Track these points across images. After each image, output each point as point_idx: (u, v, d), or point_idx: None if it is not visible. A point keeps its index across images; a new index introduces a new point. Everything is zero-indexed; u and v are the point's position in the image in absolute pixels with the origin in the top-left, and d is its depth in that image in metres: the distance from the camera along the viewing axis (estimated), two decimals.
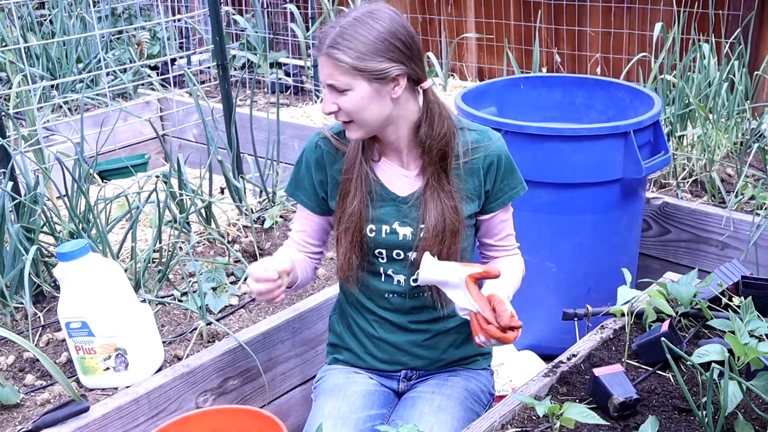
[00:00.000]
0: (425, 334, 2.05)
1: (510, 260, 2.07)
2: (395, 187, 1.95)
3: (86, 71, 4.73)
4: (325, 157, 1.99)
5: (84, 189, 2.73)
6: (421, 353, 2.07)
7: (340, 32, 1.79)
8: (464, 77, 5.36)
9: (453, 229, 1.91)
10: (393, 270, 1.99)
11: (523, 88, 3.34)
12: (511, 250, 2.09)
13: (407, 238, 1.94)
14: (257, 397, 2.45)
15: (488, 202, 1.99)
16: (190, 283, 2.71)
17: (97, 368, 2.16)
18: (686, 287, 2.04)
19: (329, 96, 1.83)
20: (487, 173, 1.95)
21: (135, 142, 4.53)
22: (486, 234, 2.06)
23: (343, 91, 1.81)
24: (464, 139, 1.94)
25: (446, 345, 2.07)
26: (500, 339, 1.72)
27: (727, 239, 3.06)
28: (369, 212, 1.94)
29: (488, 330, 1.72)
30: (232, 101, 3.35)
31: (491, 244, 2.07)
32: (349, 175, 1.94)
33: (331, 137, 1.99)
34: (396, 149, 1.94)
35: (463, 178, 1.94)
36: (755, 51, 4.07)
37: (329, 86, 1.82)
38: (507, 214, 2.05)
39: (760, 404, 1.70)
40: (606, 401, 1.73)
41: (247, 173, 3.43)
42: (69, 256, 2.06)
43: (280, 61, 5.51)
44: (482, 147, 1.94)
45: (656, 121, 2.86)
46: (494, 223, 2.03)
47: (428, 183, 1.91)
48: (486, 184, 1.96)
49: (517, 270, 2.05)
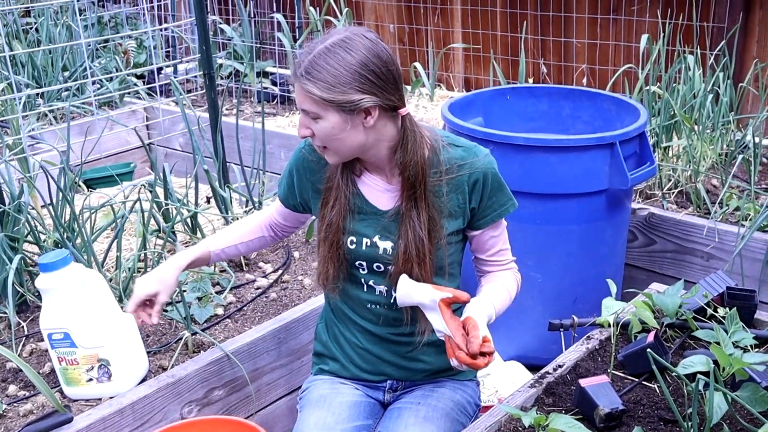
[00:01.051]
0: (408, 346, 2.04)
1: (502, 276, 2.04)
2: (377, 200, 1.94)
3: (72, 80, 4.71)
4: (309, 164, 1.99)
5: (69, 198, 2.71)
6: (405, 364, 2.06)
7: (311, 62, 1.76)
8: (451, 87, 5.37)
9: (429, 247, 1.89)
10: (374, 281, 1.98)
11: (510, 99, 3.35)
12: (505, 264, 2.07)
13: (387, 252, 1.93)
14: (242, 407, 2.44)
15: (475, 219, 1.97)
16: (175, 292, 2.69)
17: (80, 379, 2.14)
18: (672, 298, 2.05)
19: (304, 120, 1.82)
20: (473, 191, 1.93)
21: (121, 150, 4.52)
22: (478, 249, 2.05)
23: (315, 119, 1.80)
24: (448, 155, 1.91)
25: (429, 356, 2.06)
26: (470, 365, 1.71)
27: (712, 250, 3.07)
28: (349, 224, 1.93)
29: (458, 356, 1.72)
30: (218, 110, 3.34)
31: (483, 259, 2.06)
32: (330, 185, 1.95)
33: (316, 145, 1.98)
34: (378, 167, 1.93)
35: (446, 195, 1.91)
36: (740, 63, 4.10)
37: (303, 111, 1.81)
38: (498, 230, 2.02)
39: (745, 415, 1.70)
40: (592, 412, 1.73)
41: (234, 183, 3.43)
42: (51, 266, 2.04)
43: (266, 70, 5.51)
44: (468, 164, 1.92)
45: (642, 133, 2.87)
46: (484, 239, 2.02)
47: (406, 202, 1.89)
48: (471, 202, 1.94)
49: (508, 287, 2.02)
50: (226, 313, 2.63)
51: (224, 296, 2.70)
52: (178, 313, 2.50)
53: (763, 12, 4.05)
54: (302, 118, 1.82)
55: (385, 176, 1.94)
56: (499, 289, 1.99)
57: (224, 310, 2.65)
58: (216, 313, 2.62)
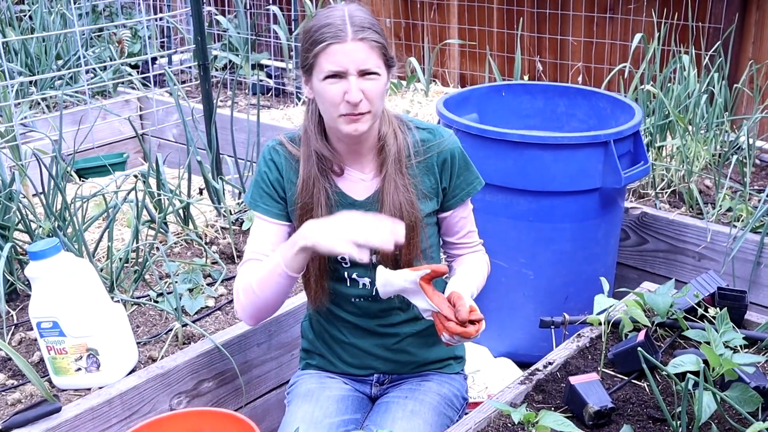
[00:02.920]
0: (395, 337, 2.04)
1: (473, 258, 2.07)
2: (353, 191, 1.94)
3: (65, 68, 4.69)
4: (282, 161, 1.96)
5: (61, 187, 2.70)
6: (392, 357, 2.06)
7: (358, 18, 1.77)
8: (446, 83, 5.37)
9: (410, 223, 1.89)
10: (357, 274, 1.98)
11: (505, 96, 3.35)
12: (474, 246, 2.09)
13: None
14: (232, 399, 2.44)
15: (447, 199, 1.99)
16: (167, 284, 2.69)
17: (68, 369, 2.14)
18: (663, 297, 2.05)
19: (358, 83, 1.77)
20: (443, 170, 1.96)
21: (114, 140, 4.50)
22: (447, 232, 2.06)
23: (371, 76, 1.78)
24: (414, 138, 1.94)
25: (416, 347, 2.07)
26: (462, 334, 1.71)
27: (704, 250, 3.08)
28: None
29: (448, 327, 1.72)
30: (212, 102, 3.33)
31: (453, 242, 2.07)
32: (308, 194, 1.91)
33: (287, 143, 1.96)
34: (358, 153, 1.93)
35: (419, 176, 1.94)
36: (735, 64, 4.11)
37: (359, 72, 1.77)
38: (466, 210, 2.05)
39: (734, 415, 1.71)
40: (581, 410, 1.73)
41: (227, 174, 3.42)
42: (40, 255, 2.03)
43: (261, 62, 5.49)
44: (434, 145, 1.95)
45: (636, 132, 2.87)
46: (454, 221, 2.03)
47: (385, 180, 1.90)
48: (442, 182, 1.96)
49: (480, 267, 2.04)
50: (217, 305, 2.62)
51: (215, 288, 2.70)
52: (168, 304, 2.49)
53: (759, 13, 4.05)
54: (356, 81, 1.77)
55: (359, 164, 1.94)
56: (474, 270, 2.01)
57: (215, 302, 2.64)
58: (207, 305, 2.61)
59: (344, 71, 1.76)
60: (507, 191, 2.82)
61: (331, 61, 1.76)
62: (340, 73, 1.77)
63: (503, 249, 2.88)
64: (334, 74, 1.77)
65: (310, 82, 1.85)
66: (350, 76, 1.77)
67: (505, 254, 2.89)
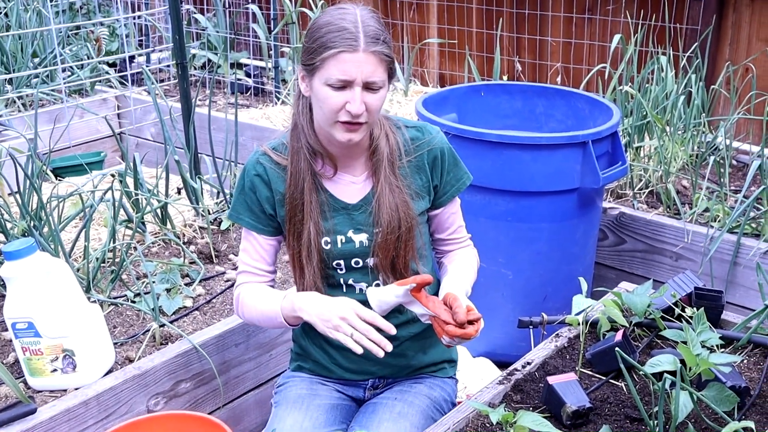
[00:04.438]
0: (393, 341, 2.03)
1: (463, 254, 2.08)
2: (345, 195, 1.93)
3: (42, 66, 4.65)
4: (268, 173, 1.92)
5: (36, 186, 2.68)
6: (389, 361, 2.04)
7: (375, 28, 1.76)
8: (425, 83, 5.37)
9: (408, 225, 1.90)
10: (353, 279, 1.96)
11: (484, 96, 3.35)
12: (464, 242, 2.10)
13: (364, 244, 1.92)
14: (210, 400, 2.42)
15: (438, 196, 2.00)
16: (144, 284, 2.67)
17: (44, 370, 2.12)
18: (640, 297, 2.06)
19: (362, 95, 1.76)
20: (434, 168, 1.96)
21: (91, 139, 4.46)
22: (438, 229, 2.07)
23: (375, 89, 1.78)
24: (404, 137, 1.94)
25: (414, 351, 2.06)
26: (462, 336, 1.72)
27: (681, 250, 3.10)
28: (321, 226, 1.91)
29: (448, 330, 1.73)
30: (190, 101, 3.31)
31: (444, 239, 2.08)
32: (298, 199, 1.89)
33: (271, 152, 1.93)
34: (350, 156, 1.92)
35: (410, 175, 1.94)
36: (712, 65, 4.14)
37: (365, 84, 1.76)
38: (456, 206, 2.06)
39: (710, 414, 1.72)
40: (559, 409, 1.73)
41: (205, 174, 3.40)
42: (15, 255, 2.01)
43: (240, 61, 5.47)
44: (424, 143, 1.95)
45: (614, 132, 2.88)
46: (444, 217, 2.04)
47: (379, 182, 1.89)
48: (434, 179, 1.97)
49: (471, 262, 2.06)
50: (194, 305, 2.60)
51: (193, 288, 2.68)
52: (146, 304, 2.47)
53: (735, 15, 4.09)
54: (360, 93, 1.75)
55: (350, 167, 1.93)
56: (465, 267, 2.02)
57: (193, 302, 2.63)
58: (185, 305, 2.60)
59: (351, 81, 1.75)
60: (486, 191, 2.82)
61: (340, 70, 1.74)
62: (346, 82, 1.75)
63: (482, 249, 2.85)
64: (341, 83, 1.75)
65: (309, 81, 1.82)
66: (356, 86, 1.75)
67: (483, 254, 2.87)
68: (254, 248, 1.99)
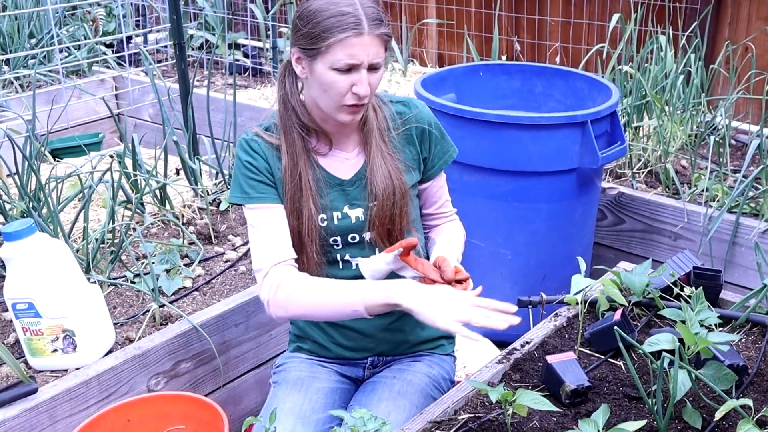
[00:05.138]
0: (390, 316, 2.04)
1: (450, 226, 2.10)
2: (339, 171, 1.94)
3: (39, 47, 4.63)
4: (264, 150, 1.91)
5: (35, 167, 2.67)
6: (388, 337, 2.06)
7: (374, 10, 1.77)
8: (424, 63, 5.35)
9: (402, 192, 1.92)
10: (350, 254, 1.97)
11: (483, 76, 3.34)
12: (450, 216, 2.13)
13: (360, 219, 1.93)
14: (210, 380, 2.43)
15: (427, 169, 2.02)
16: (143, 264, 2.67)
17: (44, 350, 2.12)
18: (639, 277, 2.06)
19: (367, 77, 1.77)
20: (422, 141, 1.98)
21: (89, 120, 4.45)
22: (426, 203, 2.09)
23: (377, 69, 1.79)
24: (390, 111, 1.96)
25: (411, 326, 2.07)
26: None
27: (680, 230, 3.10)
28: (318, 203, 1.91)
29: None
30: (188, 81, 3.30)
31: (432, 213, 2.10)
32: (296, 177, 1.88)
33: (263, 133, 1.93)
34: (343, 133, 1.93)
35: (400, 148, 1.96)
36: (711, 44, 4.12)
37: (370, 66, 1.77)
38: (442, 180, 2.08)
39: (708, 392, 1.73)
40: (558, 388, 1.74)
41: (204, 155, 3.40)
42: (14, 236, 2.01)
43: (238, 42, 5.45)
44: (411, 117, 1.97)
45: (613, 112, 2.88)
46: (433, 191, 2.07)
47: (371, 152, 1.91)
48: (423, 152, 1.99)
49: (458, 235, 2.08)
50: (194, 286, 2.61)
51: (193, 269, 2.68)
52: (145, 284, 2.48)
53: None
54: (366, 75, 1.77)
55: (343, 144, 1.94)
56: (454, 238, 2.04)
57: (193, 283, 2.63)
58: (184, 286, 2.60)
59: (359, 64, 1.76)
60: (484, 171, 2.82)
61: (349, 54, 1.74)
62: (353, 66, 1.76)
63: (480, 229, 2.88)
64: (348, 66, 1.76)
65: (308, 64, 1.81)
66: (363, 69, 1.77)
67: (482, 234, 2.90)
68: (272, 222, 1.88)
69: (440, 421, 1.69)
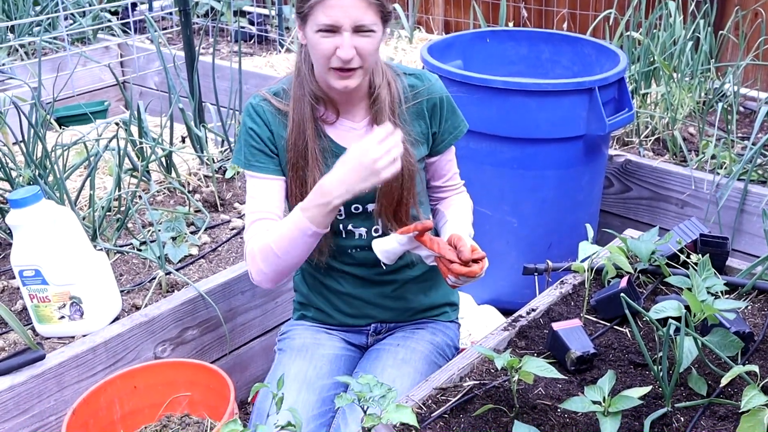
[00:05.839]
0: (392, 284, 2.05)
1: (458, 199, 2.10)
2: (345, 141, 1.92)
3: (44, 14, 4.60)
4: (268, 116, 1.91)
5: (41, 135, 2.67)
6: (390, 304, 2.07)
7: None
8: (430, 30, 5.31)
9: (409, 172, 1.90)
10: (353, 225, 1.97)
11: (490, 42, 3.32)
12: (459, 188, 2.12)
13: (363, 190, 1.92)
14: (216, 347, 2.44)
15: (436, 144, 2.00)
16: (149, 232, 2.68)
17: (51, 317, 2.13)
18: (646, 244, 2.06)
19: (351, 40, 1.75)
20: (432, 115, 1.96)
21: (94, 88, 4.44)
22: (434, 176, 2.07)
23: (366, 33, 1.76)
24: (403, 84, 1.94)
25: (414, 293, 2.07)
26: (467, 274, 1.73)
27: (687, 198, 3.09)
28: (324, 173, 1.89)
29: (453, 269, 1.74)
30: (194, 49, 3.28)
31: (440, 186, 2.09)
32: (301, 145, 1.87)
33: (271, 98, 1.92)
34: (350, 102, 1.91)
35: (410, 122, 1.94)
36: (721, 10, 4.08)
37: (354, 28, 1.74)
38: (451, 153, 2.07)
39: (714, 359, 1.73)
40: (564, 355, 1.74)
41: (209, 122, 3.39)
42: (21, 203, 2.01)
43: (244, 9, 5.41)
44: (423, 90, 1.95)
45: (621, 78, 2.85)
46: (442, 164, 2.05)
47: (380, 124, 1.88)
48: (432, 126, 1.97)
49: (468, 208, 2.08)
50: (200, 254, 2.61)
51: (199, 236, 2.69)
52: (152, 252, 2.48)
53: None
54: (349, 38, 1.74)
55: (351, 114, 1.93)
56: (464, 212, 2.04)
57: (199, 250, 2.64)
58: (190, 253, 2.61)
59: (339, 26, 1.74)
60: (491, 138, 2.81)
61: (328, 15, 1.73)
62: (334, 27, 1.74)
63: (487, 197, 2.87)
64: (328, 27, 1.74)
65: (302, 28, 1.82)
66: (345, 31, 1.75)
67: (488, 202, 2.89)
68: (267, 194, 1.91)
69: (446, 387, 1.70)
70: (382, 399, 1.46)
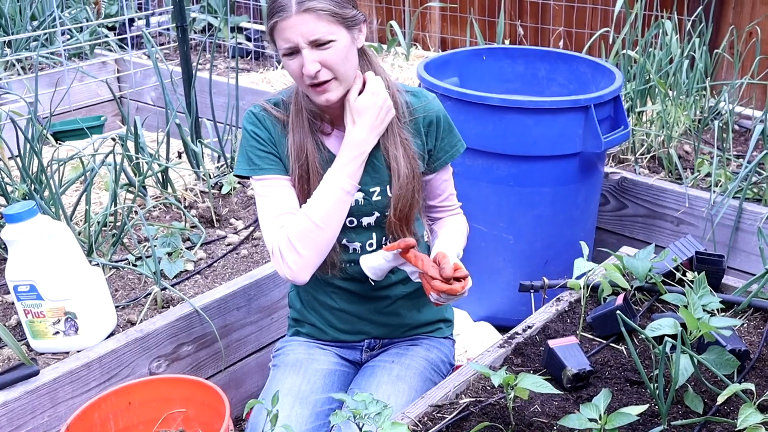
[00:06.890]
0: (386, 300, 2.04)
1: (453, 220, 2.08)
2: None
3: (41, 29, 4.61)
4: (268, 123, 1.92)
5: (37, 150, 2.67)
6: (383, 320, 2.06)
7: None
8: (427, 47, 5.33)
9: (416, 187, 1.92)
10: (347, 239, 1.97)
11: (486, 60, 3.33)
12: (454, 209, 2.11)
13: (359, 203, 1.92)
14: (212, 363, 2.43)
15: (432, 161, 1.99)
16: (145, 247, 2.67)
17: (46, 332, 2.12)
18: (642, 261, 2.06)
19: (311, 55, 1.76)
20: (428, 133, 1.96)
21: (91, 103, 4.44)
22: (430, 195, 2.07)
23: (326, 44, 1.76)
24: (403, 99, 1.95)
25: (407, 309, 2.07)
26: (447, 291, 1.74)
27: (683, 215, 3.09)
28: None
29: (434, 285, 1.75)
30: (191, 64, 3.29)
31: (435, 205, 2.08)
32: (303, 159, 1.89)
33: (270, 107, 1.93)
34: (337, 114, 1.91)
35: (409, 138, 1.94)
36: (716, 29, 4.10)
37: (311, 44, 1.75)
38: (448, 173, 2.06)
39: (710, 377, 1.73)
40: (560, 372, 1.74)
41: (206, 138, 3.39)
42: (16, 217, 2.01)
43: (241, 25, 5.43)
44: (420, 107, 1.96)
45: (617, 96, 2.86)
46: (437, 183, 2.04)
47: (387, 135, 1.90)
48: (428, 143, 1.97)
49: (461, 229, 2.07)
50: (196, 269, 2.61)
51: (195, 252, 2.68)
52: (147, 268, 2.47)
53: None
54: (308, 54, 1.75)
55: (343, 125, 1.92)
56: (456, 232, 2.03)
57: (194, 266, 2.63)
58: (186, 269, 2.60)
59: (295, 45, 1.76)
60: (487, 155, 2.81)
61: (283, 38, 1.77)
62: (293, 49, 1.77)
63: (483, 213, 2.88)
64: (288, 51, 1.78)
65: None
66: (302, 49, 1.76)
67: (485, 219, 2.89)
68: (280, 191, 1.90)
69: (442, 404, 1.69)
70: (377, 416, 1.46)
